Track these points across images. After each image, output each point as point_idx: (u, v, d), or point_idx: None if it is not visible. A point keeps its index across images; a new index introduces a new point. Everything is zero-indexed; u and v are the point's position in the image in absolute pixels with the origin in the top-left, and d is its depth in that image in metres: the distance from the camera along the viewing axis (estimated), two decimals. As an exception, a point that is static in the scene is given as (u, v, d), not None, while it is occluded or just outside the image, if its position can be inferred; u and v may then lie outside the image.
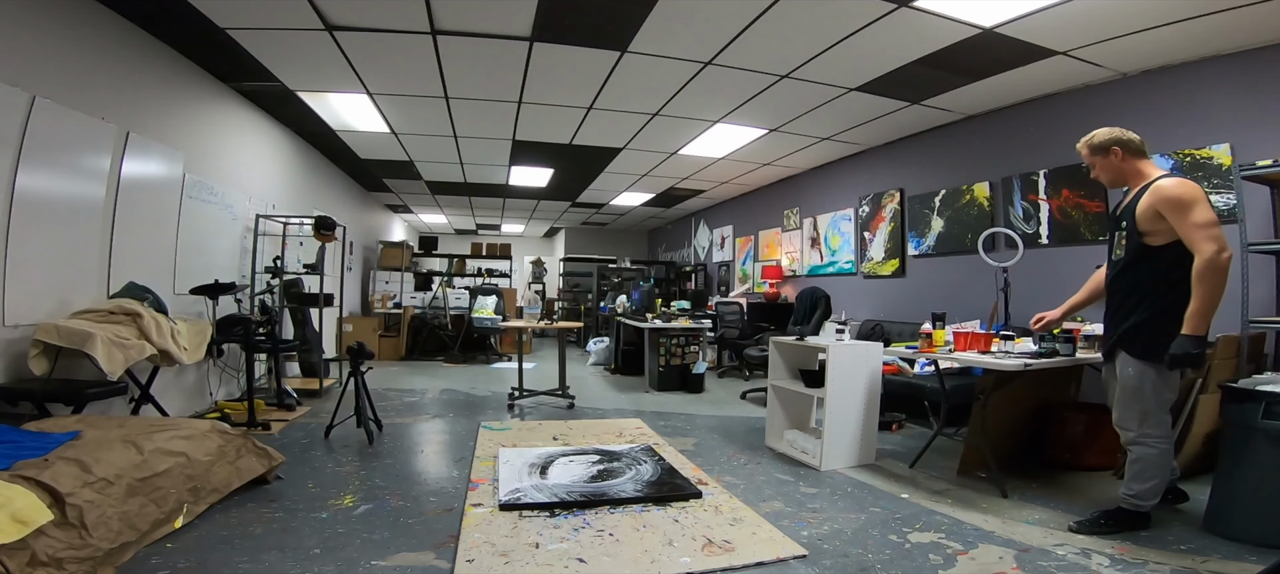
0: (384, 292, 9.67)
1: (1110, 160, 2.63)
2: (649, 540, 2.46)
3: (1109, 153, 2.63)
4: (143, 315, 3.34)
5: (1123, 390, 2.55)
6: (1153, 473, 2.52)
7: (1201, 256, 2.32)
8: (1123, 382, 2.55)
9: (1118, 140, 2.61)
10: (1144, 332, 2.49)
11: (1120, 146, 2.61)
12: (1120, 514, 2.59)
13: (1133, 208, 2.54)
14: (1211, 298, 2.33)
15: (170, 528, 2.36)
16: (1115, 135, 2.62)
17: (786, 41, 3.96)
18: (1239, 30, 3.46)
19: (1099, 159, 2.67)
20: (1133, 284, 2.55)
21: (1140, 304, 2.50)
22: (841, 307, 6.64)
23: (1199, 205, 2.36)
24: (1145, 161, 2.62)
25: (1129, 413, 2.54)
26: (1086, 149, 2.71)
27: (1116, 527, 2.57)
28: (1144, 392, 2.49)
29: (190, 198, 4.50)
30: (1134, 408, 2.52)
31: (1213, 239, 2.31)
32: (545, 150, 7.06)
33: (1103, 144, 2.64)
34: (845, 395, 3.61)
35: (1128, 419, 2.55)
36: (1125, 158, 2.61)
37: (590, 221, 13.30)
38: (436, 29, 3.85)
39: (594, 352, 8.48)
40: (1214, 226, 2.33)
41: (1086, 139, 2.71)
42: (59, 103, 3.19)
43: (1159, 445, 2.51)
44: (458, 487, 3.12)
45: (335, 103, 5.45)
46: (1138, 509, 2.56)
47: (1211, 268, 2.30)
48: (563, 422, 4.73)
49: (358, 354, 3.97)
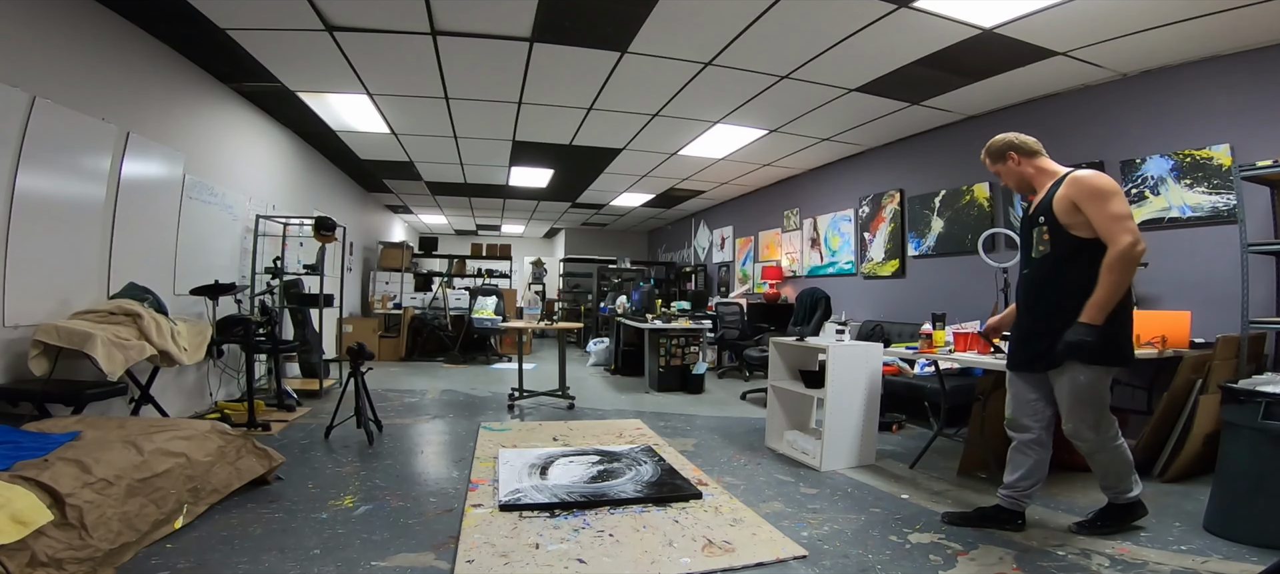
0: (384, 292, 9.67)
1: (1009, 165, 2.63)
2: (649, 541, 2.46)
3: (1006, 158, 2.63)
4: (143, 316, 3.34)
5: (1076, 399, 2.44)
6: (1126, 466, 2.56)
7: (1116, 247, 2.29)
8: (1076, 390, 2.43)
9: (1011, 144, 2.62)
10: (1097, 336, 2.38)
11: (1015, 150, 2.61)
12: (1113, 510, 2.61)
13: (1048, 202, 2.49)
14: (1117, 289, 2.31)
15: (170, 528, 2.36)
16: (1008, 139, 2.63)
17: (786, 42, 3.96)
18: (1239, 31, 3.46)
19: (1000, 166, 2.67)
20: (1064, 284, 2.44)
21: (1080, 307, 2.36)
22: (841, 307, 6.64)
23: (1117, 197, 2.36)
24: (1044, 159, 2.61)
25: (1084, 421, 2.45)
26: (987, 159, 2.72)
27: (1116, 524, 2.58)
28: (1099, 396, 2.44)
29: (190, 198, 4.50)
30: (1089, 415, 2.44)
31: (1129, 232, 2.29)
32: (545, 151, 7.06)
33: (999, 150, 2.65)
34: (845, 396, 3.61)
35: (1083, 427, 2.46)
36: (1022, 160, 2.60)
37: (590, 222, 13.30)
38: (436, 29, 3.85)
39: (594, 352, 8.48)
40: (1130, 219, 2.33)
41: (985, 148, 2.72)
42: (59, 103, 3.19)
43: (1117, 442, 2.52)
44: (458, 487, 3.12)
45: (335, 103, 5.45)
46: (1131, 500, 2.59)
47: (1124, 259, 2.28)
48: (563, 422, 4.73)
49: (358, 355, 3.97)
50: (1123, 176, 4.17)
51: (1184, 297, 3.83)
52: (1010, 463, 2.64)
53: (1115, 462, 2.54)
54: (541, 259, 14.60)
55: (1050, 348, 2.42)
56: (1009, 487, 2.63)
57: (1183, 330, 3.58)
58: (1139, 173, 4.09)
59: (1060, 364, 2.43)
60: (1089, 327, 2.30)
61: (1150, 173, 4.04)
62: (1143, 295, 4.04)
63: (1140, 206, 4.09)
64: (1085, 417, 2.45)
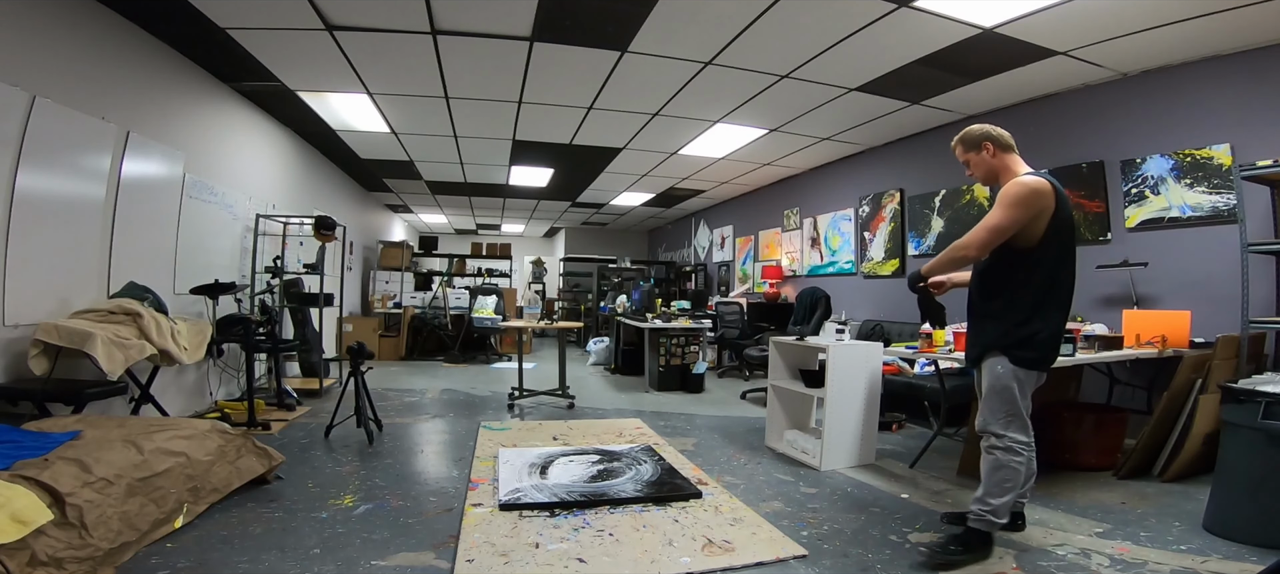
0: (384, 291, 9.67)
1: (983, 156, 2.54)
2: (649, 540, 2.46)
3: (981, 148, 2.53)
4: (143, 315, 3.34)
5: (990, 389, 2.41)
6: (1014, 485, 2.35)
7: (969, 238, 2.35)
8: (992, 380, 2.40)
9: (988, 135, 2.53)
10: (1017, 333, 2.37)
11: (992, 142, 2.52)
12: (970, 536, 2.37)
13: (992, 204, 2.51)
14: (943, 263, 2.48)
15: (170, 528, 2.36)
16: (986, 130, 2.54)
17: (787, 41, 3.96)
18: (1239, 31, 3.46)
19: (973, 154, 2.57)
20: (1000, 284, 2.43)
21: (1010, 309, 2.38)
22: (841, 306, 6.64)
23: (1013, 208, 2.28)
24: (1014, 158, 2.52)
25: (996, 414, 2.39)
26: (960, 146, 2.61)
27: (966, 551, 2.33)
28: (1013, 393, 2.37)
29: (190, 197, 4.50)
30: (1001, 409, 2.38)
31: (983, 246, 2.33)
32: (545, 150, 7.06)
33: (975, 139, 2.55)
34: (845, 395, 3.61)
35: (994, 420, 2.40)
36: (996, 153, 2.52)
37: (590, 221, 13.30)
38: (437, 29, 3.85)
39: (594, 352, 8.48)
40: (998, 234, 2.30)
41: (960, 136, 2.61)
42: (59, 102, 3.18)
43: (1027, 454, 2.38)
44: (458, 487, 3.12)
45: (335, 103, 5.45)
46: (990, 527, 2.35)
47: (961, 251, 2.39)
48: (563, 422, 4.73)
49: (358, 354, 3.97)
50: (1123, 176, 4.17)
51: (1184, 296, 3.83)
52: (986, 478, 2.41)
53: (1012, 475, 2.35)
54: (541, 258, 14.61)
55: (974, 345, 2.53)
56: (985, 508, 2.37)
57: (1183, 330, 3.58)
58: (1139, 172, 4.09)
59: (979, 362, 2.50)
60: (916, 272, 2.59)
61: (1150, 172, 4.03)
62: (1143, 295, 4.04)
63: (1140, 206, 4.09)
64: (996, 410, 2.40)
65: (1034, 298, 2.36)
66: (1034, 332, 2.35)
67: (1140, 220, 4.10)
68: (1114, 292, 4.21)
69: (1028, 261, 2.35)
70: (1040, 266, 2.35)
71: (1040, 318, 2.35)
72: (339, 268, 6.31)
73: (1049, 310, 2.38)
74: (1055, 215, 2.32)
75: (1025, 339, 2.35)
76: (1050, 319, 2.37)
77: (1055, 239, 2.33)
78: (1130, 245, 4.13)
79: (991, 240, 2.32)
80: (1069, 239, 2.40)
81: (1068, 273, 2.41)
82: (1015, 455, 2.38)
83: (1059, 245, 2.35)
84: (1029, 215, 2.29)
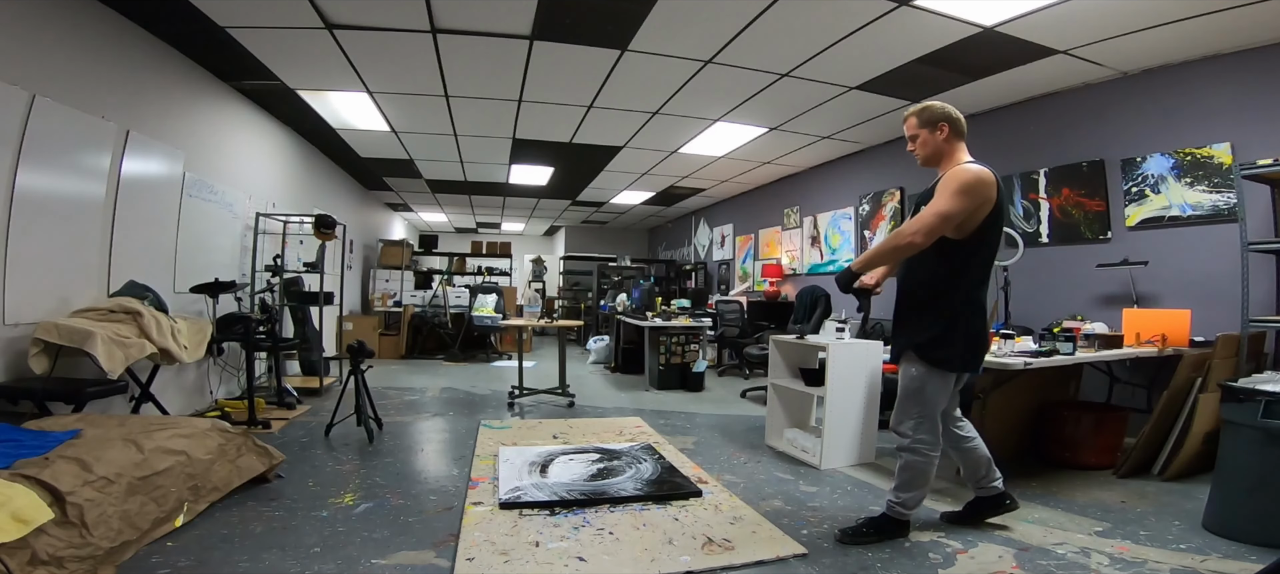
0: (384, 290, 9.67)
1: (935, 136, 2.41)
2: (649, 539, 2.46)
3: (937, 127, 2.41)
4: (143, 314, 3.34)
5: (903, 390, 2.43)
6: (920, 482, 2.44)
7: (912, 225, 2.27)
8: (905, 381, 2.42)
9: (948, 116, 2.41)
10: (934, 332, 2.34)
11: (949, 124, 2.40)
12: (884, 521, 2.50)
13: (931, 192, 2.39)
14: (881, 254, 2.45)
15: (171, 526, 2.37)
16: (947, 111, 2.42)
17: (787, 40, 3.96)
18: (1239, 30, 3.45)
19: (925, 131, 2.43)
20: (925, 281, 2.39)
21: (933, 305, 2.34)
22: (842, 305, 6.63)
23: (960, 196, 2.21)
24: (962, 146, 2.42)
25: (906, 415, 2.42)
26: (915, 119, 2.47)
27: (878, 534, 2.46)
28: (924, 395, 2.37)
29: (190, 196, 4.50)
30: (912, 411, 2.40)
31: (930, 232, 2.24)
32: (545, 149, 7.05)
33: (934, 118, 2.41)
34: (845, 394, 3.61)
35: (902, 421, 2.43)
36: (950, 136, 2.41)
37: (590, 220, 13.30)
38: (436, 27, 3.85)
39: (594, 350, 8.48)
40: (945, 221, 2.22)
41: (919, 108, 2.48)
42: (59, 101, 3.18)
43: (929, 454, 2.41)
44: (458, 485, 3.12)
45: (335, 101, 5.44)
46: (900, 517, 2.49)
47: (899, 236, 2.29)
48: (563, 420, 4.74)
49: (358, 353, 3.97)
50: (1123, 175, 4.17)
51: (1184, 295, 3.83)
52: (897, 474, 2.50)
53: (917, 475, 2.43)
54: (541, 257, 14.61)
55: (894, 342, 2.51)
56: (896, 499, 2.50)
57: (1183, 329, 3.58)
58: (1140, 171, 4.09)
59: (894, 359, 2.49)
60: (846, 271, 2.45)
61: (1151, 171, 4.03)
62: (1144, 293, 4.04)
63: (1141, 205, 4.09)
64: (908, 411, 2.41)
65: (960, 295, 2.30)
66: (953, 332, 2.28)
67: (1140, 219, 4.10)
68: (1114, 290, 4.21)
69: (959, 255, 2.29)
70: (970, 262, 2.29)
71: (963, 317, 2.28)
72: (339, 266, 6.31)
73: (972, 309, 2.31)
74: (994, 209, 2.26)
75: (942, 338, 2.29)
76: (973, 319, 2.31)
77: (989, 233, 2.27)
78: (1130, 244, 4.13)
79: (939, 227, 2.24)
80: (998, 237, 2.36)
81: (988, 271, 2.37)
82: (918, 456, 2.40)
83: (990, 242, 2.29)
84: (974, 204, 2.22)
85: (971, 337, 2.32)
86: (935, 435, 2.41)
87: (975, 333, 2.33)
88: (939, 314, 2.32)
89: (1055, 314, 4.31)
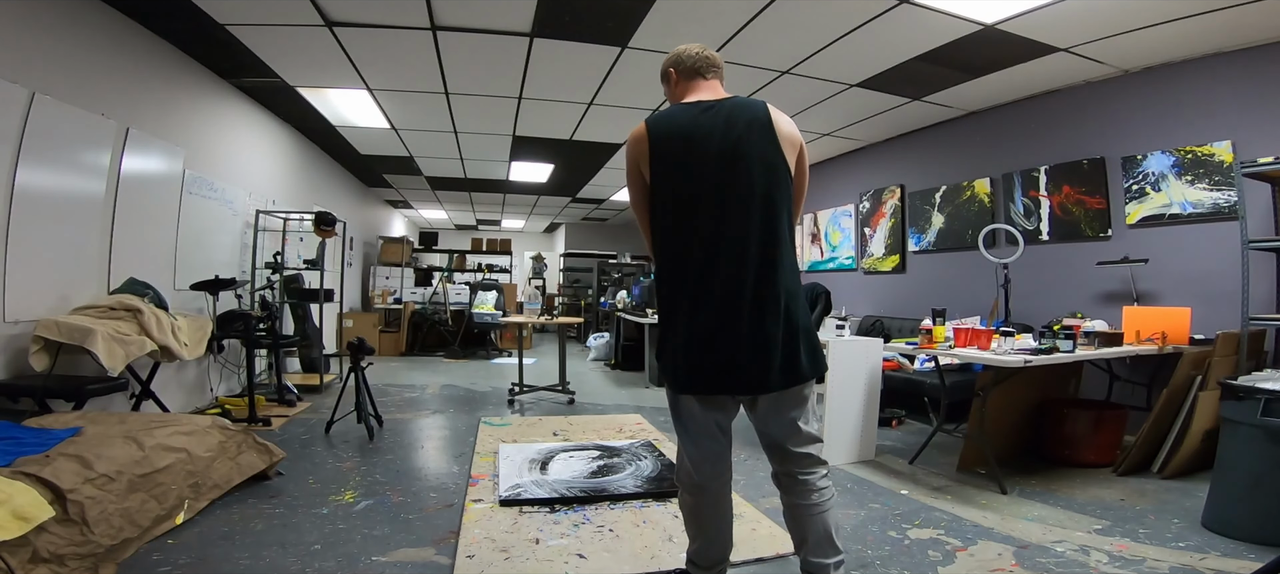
0: (384, 287, 9.67)
1: (669, 89, 1.93)
2: (649, 536, 2.47)
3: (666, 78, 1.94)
4: (143, 311, 3.34)
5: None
6: (693, 527, 1.93)
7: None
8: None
9: (676, 61, 1.89)
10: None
11: (675, 68, 1.90)
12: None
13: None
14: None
15: (171, 524, 2.37)
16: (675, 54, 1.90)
17: (787, 37, 3.95)
18: (1240, 28, 3.45)
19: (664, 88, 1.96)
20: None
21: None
22: (842, 302, 6.63)
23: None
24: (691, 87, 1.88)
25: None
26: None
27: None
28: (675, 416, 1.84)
29: (190, 193, 4.50)
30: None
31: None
32: (546, 146, 7.05)
33: (662, 71, 1.95)
34: (845, 391, 3.61)
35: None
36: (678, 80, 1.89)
37: (591, 217, 13.29)
38: (436, 25, 3.84)
39: (594, 347, 8.48)
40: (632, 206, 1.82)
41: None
42: (59, 99, 3.18)
43: (691, 497, 1.88)
44: (458, 482, 3.13)
45: (335, 98, 5.44)
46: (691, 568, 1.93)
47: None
48: (563, 417, 4.74)
49: (358, 350, 3.97)
50: (1124, 172, 4.17)
51: (1184, 293, 3.83)
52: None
53: (684, 514, 1.93)
54: (542, 254, 14.60)
55: None
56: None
57: (1183, 326, 3.58)
58: (1140, 169, 4.08)
59: None
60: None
61: (1151, 169, 4.03)
62: (1144, 291, 4.04)
63: (1141, 203, 4.09)
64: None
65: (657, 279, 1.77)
66: (663, 335, 1.75)
67: (1141, 217, 4.09)
68: (1114, 288, 4.21)
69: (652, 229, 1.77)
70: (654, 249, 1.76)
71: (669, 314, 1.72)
72: (339, 263, 6.32)
73: (663, 308, 1.74)
74: (653, 166, 1.70)
75: (660, 342, 1.77)
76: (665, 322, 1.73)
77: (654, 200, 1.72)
78: (1131, 242, 4.12)
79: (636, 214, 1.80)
80: (664, 204, 1.69)
81: (670, 255, 1.70)
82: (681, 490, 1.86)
83: (658, 213, 1.72)
84: (627, 168, 1.79)
85: (677, 344, 1.68)
86: (688, 473, 1.83)
87: (685, 340, 1.66)
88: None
89: (1055, 311, 4.31)
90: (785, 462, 1.79)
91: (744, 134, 1.66)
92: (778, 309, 1.62)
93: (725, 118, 1.69)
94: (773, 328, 1.62)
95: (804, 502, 1.77)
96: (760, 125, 1.68)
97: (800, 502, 1.78)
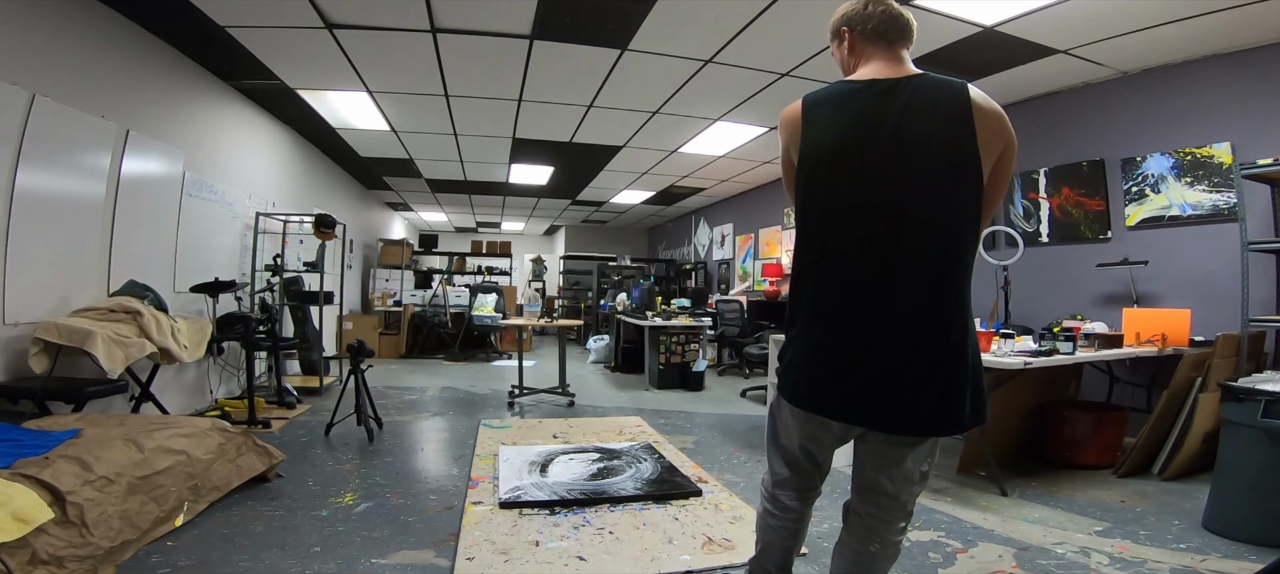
0: (384, 289, 9.67)
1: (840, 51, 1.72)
2: (649, 538, 2.46)
3: (838, 37, 1.71)
4: (143, 313, 3.34)
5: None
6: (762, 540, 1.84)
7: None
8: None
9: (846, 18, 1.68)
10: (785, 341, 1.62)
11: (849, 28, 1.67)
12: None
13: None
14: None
15: (171, 526, 2.37)
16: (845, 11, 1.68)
17: (787, 39, 3.95)
18: (1240, 29, 3.45)
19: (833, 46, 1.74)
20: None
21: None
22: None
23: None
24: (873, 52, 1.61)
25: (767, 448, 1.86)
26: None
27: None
28: (772, 429, 1.78)
29: (190, 196, 4.50)
30: (767, 445, 1.85)
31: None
32: (545, 148, 7.05)
33: (834, 27, 1.74)
34: (845, 394, 3.60)
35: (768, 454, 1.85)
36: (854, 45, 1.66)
37: (590, 219, 13.29)
38: (436, 27, 3.85)
39: (594, 350, 8.48)
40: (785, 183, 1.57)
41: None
42: (59, 101, 3.18)
43: (775, 520, 1.79)
44: (458, 485, 3.12)
45: (335, 101, 5.44)
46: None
47: None
48: (563, 420, 4.74)
49: (358, 352, 3.97)
50: (1124, 174, 4.17)
51: (1184, 294, 3.83)
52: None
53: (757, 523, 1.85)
54: (541, 256, 14.61)
55: None
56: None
57: (1183, 328, 3.58)
58: (1140, 171, 4.09)
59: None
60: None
61: (1151, 171, 4.03)
62: (1144, 293, 4.04)
63: (1141, 204, 4.09)
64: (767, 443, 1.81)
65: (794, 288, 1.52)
66: (786, 342, 1.53)
67: (1140, 218, 4.09)
68: (1114, 290, 4.21)
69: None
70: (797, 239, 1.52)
71: (795, 322, 1.50)
72: (339, 266, 6.30)
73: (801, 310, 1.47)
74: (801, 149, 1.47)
75: (781, 353, 1.56)
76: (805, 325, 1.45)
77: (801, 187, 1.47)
78: (1130, 243, 4.13)
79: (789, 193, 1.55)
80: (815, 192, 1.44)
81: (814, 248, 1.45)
82: (764, 503, 1.75)
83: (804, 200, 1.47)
84: (783, 146, 1.55)
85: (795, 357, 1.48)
86: (780, 489, 1.75)
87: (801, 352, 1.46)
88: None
89: (1055, 314, 4.31)
90: (880, 508, 1.51)
91: (929, 127, 1.34)
92: (946, 340, 1.34)
93: (904, 104, 1.36)
94: (936, 360, 1.34)
95: (871, 549, 1.55)
96: (954, 116, 1.35)
97: (868, 549, 1.55)
